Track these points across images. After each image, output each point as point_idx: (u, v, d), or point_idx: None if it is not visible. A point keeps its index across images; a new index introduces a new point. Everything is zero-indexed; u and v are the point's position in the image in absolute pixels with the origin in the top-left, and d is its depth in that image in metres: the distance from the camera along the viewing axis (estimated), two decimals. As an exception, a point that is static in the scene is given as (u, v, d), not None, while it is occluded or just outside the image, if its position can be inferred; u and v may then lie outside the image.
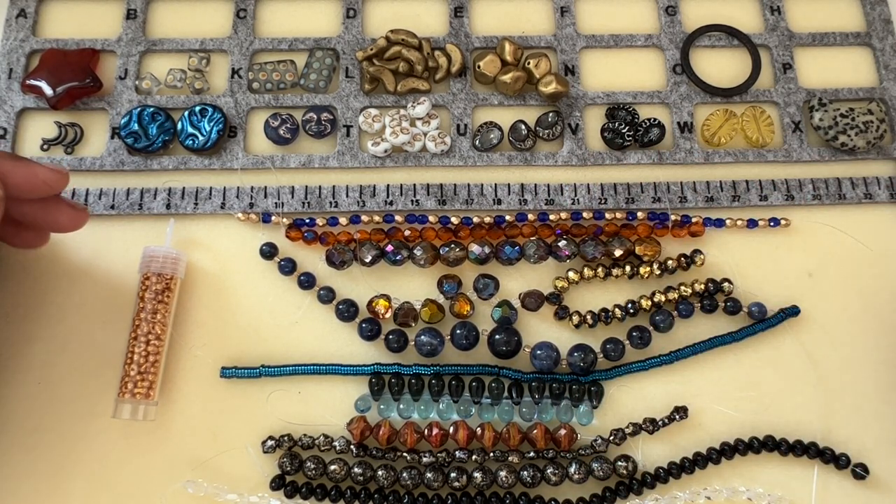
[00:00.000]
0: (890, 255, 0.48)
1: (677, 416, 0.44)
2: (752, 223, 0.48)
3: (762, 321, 0.45)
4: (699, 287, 0.46)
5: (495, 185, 0.49)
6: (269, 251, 0.46)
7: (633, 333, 0.45)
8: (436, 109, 0.51)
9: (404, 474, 0.42)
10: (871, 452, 0.44)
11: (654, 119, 0.50)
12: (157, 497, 0.42)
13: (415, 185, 0.49)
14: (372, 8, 0.54)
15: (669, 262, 0.46)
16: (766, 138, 0.50)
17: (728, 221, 0.48)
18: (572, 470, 0.42)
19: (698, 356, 0.45)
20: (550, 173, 0.50)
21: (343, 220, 0.47)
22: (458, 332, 0.44)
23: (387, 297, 0.45)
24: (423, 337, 0.44)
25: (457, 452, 0.43)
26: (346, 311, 0.45)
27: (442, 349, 0.44)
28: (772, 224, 0.48)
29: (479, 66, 0.50)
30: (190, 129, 0.49)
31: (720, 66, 0.53)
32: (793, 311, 0.45)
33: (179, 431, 0.44)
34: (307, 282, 0.46)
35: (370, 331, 0.44)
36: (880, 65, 0.52)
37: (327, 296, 0.45)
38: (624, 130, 0.49)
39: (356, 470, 0.42)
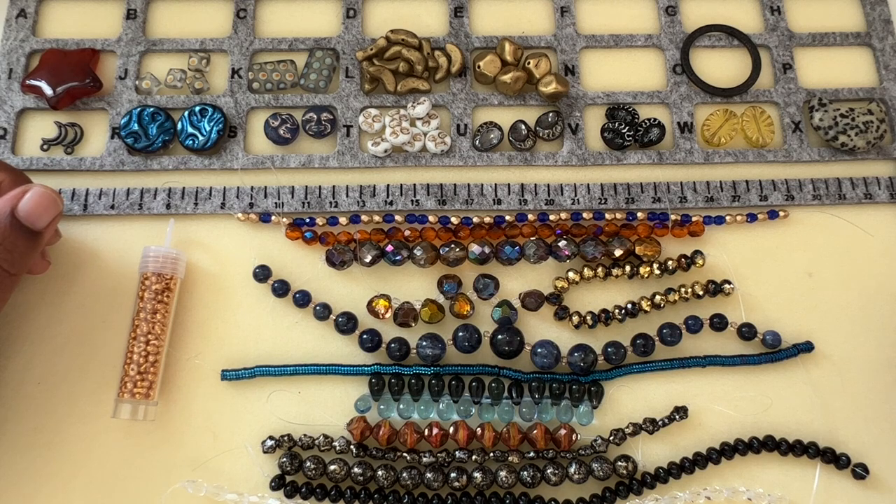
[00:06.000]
0: (890, 255, 0.48)
1: (677, 416, 0.44)
2: (751, 217, 0.48)
3: (774, 352, 0.45)
4: (699, 289, 0.46)
5: (495, 185, 0.49)
6: (262, 274, 0.46)
7: (637, 341, 0.45)
8: (436, 109, 0.51)
9: (404, 474, 0.42)
10: (871, 452, 0.44)
11: (654, 119, 0.50)
12: (157, 497, 0.42)
13: (415, 185, 0.49)
14: (372, 8, 0.54)
15: (669, 262, 0.46)
16: (766, 138, 0.50)
17: (728, 218, 0.48)
18: (572, 470, 0.42)
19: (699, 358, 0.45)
20: (550, 173, 0.50)
21: (343, 220, 0.47)
22: (460, 335, 0.44)
23: (387, 297, 0.45)
24: (425, 349, 0.44)
25: (457, 452, 0.43)
26: (346, 324, 0.45)
27: (444, 355, 0.44)
28: (771, 217, 0.48)
29: (479, 66, 0.50)
30: (190, 129, 0.49)
31: (720, 66, 0.53)
32: (806, 347, 0.45)
33: (179, 431, 0.44)
34: (302, 300, 0.45)
35: (370, 342, 0.44)
36: (880, 65, 0.52)
37: (323, 312, 0.45)
38: (624, 130, 0.49)
39: (356, 470, 0.42)
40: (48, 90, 0.49)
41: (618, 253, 0.46)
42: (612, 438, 0.43)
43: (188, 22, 0.53)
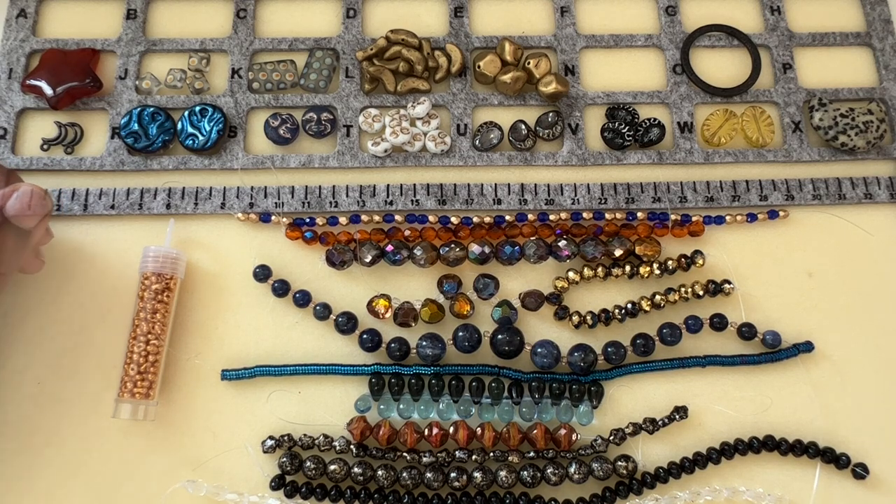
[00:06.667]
0: (890, 255, 0.48)
1: (677, 416, 0.44)
2: (751, 217, 0.48)
3: (774, 351, 0.45)
4: (699, 289, 0.46)
5: (495, 185, 0.49)
6: (262, 274, 0.46)
7: (637, 341, 0.45)
8: (436, 109, 0.51)
9: (404, 474, 0.42)
10: (871, 452, 0.44)
11: (654, 119, 0.50)
12: (157, 497, 0.42)
13: (415, 185, 0.49)
14: (372, 8, 0.54)
15: (669, 262, 0.46)
16: (766, 138, 0.50)
17: (728, 218, 0.48)
18: (572, 470, 0.42)
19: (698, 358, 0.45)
20: (550, 173, 0.50)
21: (343, 220, 0.47)
22: (460, 334, 0.44)
23: (387, 297, 0.45)
24: (425, 349, 0.44)
25: (457, 452, 0.43)
26: (346, 324, 0.45)
27: (444, 355, 0.44)
28: (771, 217, 0.48)
29: (479, 66, 0.50)
30: (190, 129, 0.49)
31: (720, 66, 0.53)
32: (806, 347, 0.45)
33: (179, 431, 0.44)
34: (302, 300, 0.45)
35: (370, 342, 0.44)
36: (880, 65, 0.52)
37: (323, 312, 0.45)
38: (624, 130, 0.49)
39: (356, 470, 0.42)
40: (48, 90, 0.49)
41: (618, 253, 0.46)
42: (612, 438, 0.43)
43: (188, 22, 0.53)
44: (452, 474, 0.42)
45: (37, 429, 0.44)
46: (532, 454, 0.43)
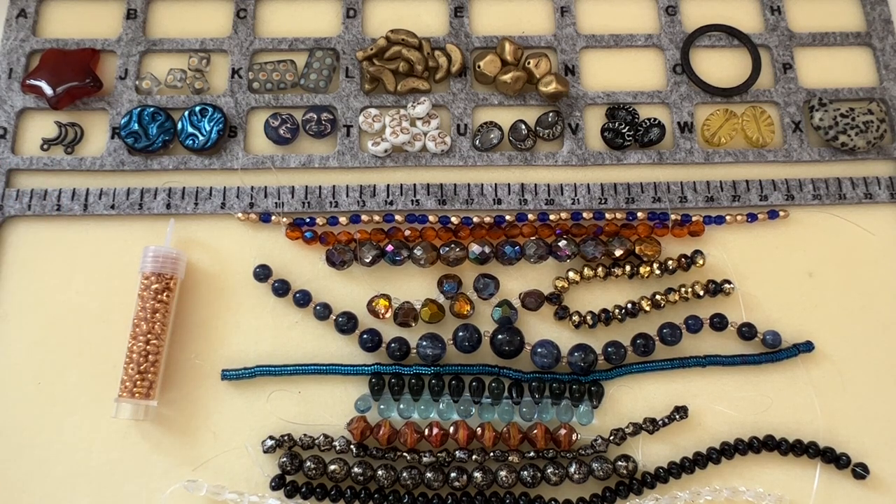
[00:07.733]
0: (890, 255, 0.48)
1: (677, 416, 0.44)
2: (751, 217, 0.48)
3: (774, 351, 0.45)
4: (699, 289, 0.46)
5: (495, 185, 0.49)
6: (262, 273, 0.46)
7: (638, 341, 0.45)
8: (436, 109, 0.51)
9: (404, 474, 0.42)
10: (871, 452, 0.44)
11: (654, 119, 0.50)
12: (157, 497, 0.42)
13: (415, 185, 0.49)
14: (372, 8, 0.54)
15: (670, 262, 0.46)
16: (766, 138, 0.50)
17: (728, 217, 0.48)
18: (572, 470, 0.42)
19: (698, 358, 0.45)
20: (550, 173, 0.50)
21: (343, 220, 0.47)
22: (460, 334, 0.44)
23: (387, 297, 0.45)
24: (426, 349, 0.44)
25: (457, 452, 0.43)
26: (346, 324, 0.45)
27: (444, 355, 0.44)
28: (771, 217, 0.48)
29: (479, 66, 0.50)
30: (190, 129, 0.49)
31: (720, 66, 0.53)
32: (806, 347, 0.45)
33: (179, 431, 0.44)
34: (302, 300, 0.45)
35: (371, 342, 0.44)
36: (880, 65, 0.52)
37: (323, 312, 0.45)
38: (624, 130, 0.49)
39: (356, 470, 0.42)
40: (48, 90, 0.49)
41: (618, 253, 0.46)
42: (612, 438, 0.43)
43: (188, 22, 0.53)
44: (452, 474, 0.42)
45: (37, 429, 0.44)
46: (532, 454, 0.43)
